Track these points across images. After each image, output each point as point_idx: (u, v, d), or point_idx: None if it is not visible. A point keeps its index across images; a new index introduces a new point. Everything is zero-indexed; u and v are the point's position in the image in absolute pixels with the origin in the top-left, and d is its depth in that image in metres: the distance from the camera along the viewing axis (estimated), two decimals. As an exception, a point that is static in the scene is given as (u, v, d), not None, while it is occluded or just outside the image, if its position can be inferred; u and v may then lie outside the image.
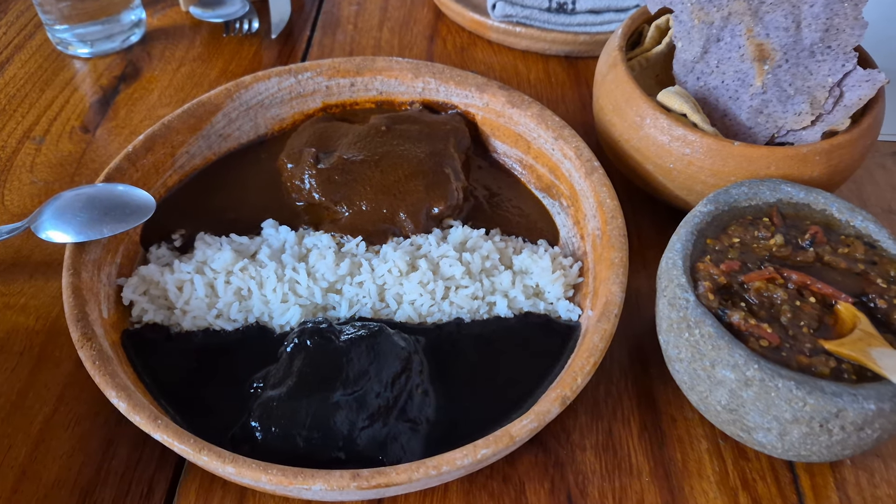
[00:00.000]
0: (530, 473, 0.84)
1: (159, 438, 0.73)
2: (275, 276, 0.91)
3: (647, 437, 0.88)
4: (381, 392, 0.81)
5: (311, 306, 0.91)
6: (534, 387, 0.85)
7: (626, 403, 0.91)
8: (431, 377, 0.86)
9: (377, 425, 0.80)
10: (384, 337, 0.85)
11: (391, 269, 0.93)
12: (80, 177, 1.12)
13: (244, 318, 0.90)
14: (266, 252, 0.94)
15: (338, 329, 0.86)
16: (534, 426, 0.75)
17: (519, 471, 0.84)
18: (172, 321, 0.90)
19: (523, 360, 0.89)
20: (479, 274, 0.94)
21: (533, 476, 0.84)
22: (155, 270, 0.92)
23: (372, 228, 0.97)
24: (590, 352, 0.81)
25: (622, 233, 0.91)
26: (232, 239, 0.97)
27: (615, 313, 0.84)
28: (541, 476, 0.84)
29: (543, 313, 0.93)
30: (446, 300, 0.92)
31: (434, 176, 1.01)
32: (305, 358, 0.82)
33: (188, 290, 0.91)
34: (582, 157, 1.00)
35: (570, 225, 1.02)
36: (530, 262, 0.96)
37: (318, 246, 0.96)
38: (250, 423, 0.79)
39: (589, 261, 0.96)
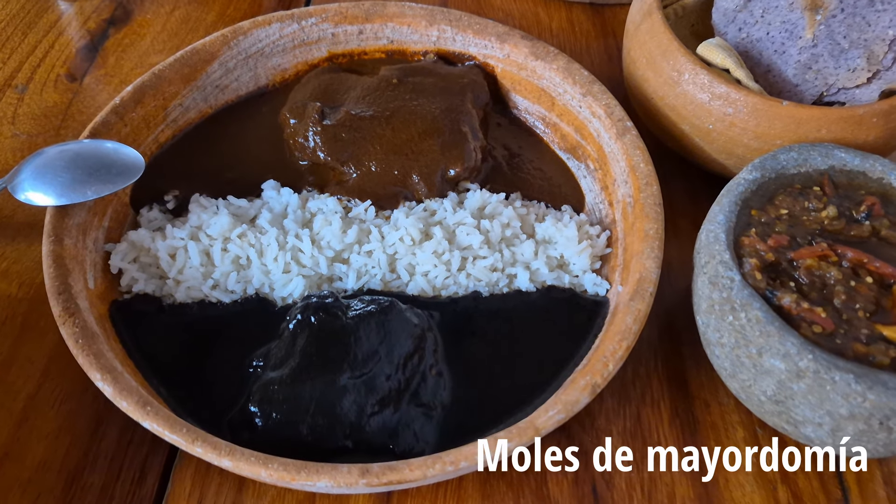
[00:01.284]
0: (552, 462, 0.78)
1: (149, 427, 0.66)
2: (276, 244, 0.84)
3: (679, 424, 0.81)
4: (392, 374, 0.75)
5: (315, 277, 0.84)
6: (558, 369, 0.79)
7: (655, 386, 0.84)
8: (446, 357, 0.80)
9: (387, 411, 0.73)
10: (395, 313, 0.78)
11: (403, 238, 0.85)
12: (66, 130, 1.04)
13: (243, 289, 0.83)
14: (266, 217, 0.86)
15: (345, 304, 0.78)
16: (561, 417, 0.68)
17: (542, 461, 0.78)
18: (165, 292, 0.83)
19: (546, 339, 0.82)
20: (498, 243, 0.87)
21: (555, 465, 0.78)
22: (145, 236, 0.85)
23: (382, 192, 0.89)
24: (622, 335, 0.73)
25: (657, 202, 0.83)
26: (229, 201, 0.89)
27: (650, 292, 0.76)
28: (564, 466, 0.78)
29: (568, 287, 0.86)
30: (463, 272, 0.85)
31: (450, 134, 0.92)
32: (309, 336, 0.75)
33: (182, 257, 0.83)
34: (613, 116, 0.91)
35: (598, 190, 0.94)
36: (554, 230, 0.88)
37: (323, 210, 0.88)
38: (249, 407, 0.72)
39: (618, 230, 0.88)
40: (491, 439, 0.66)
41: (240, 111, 1.00)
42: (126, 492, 0.75)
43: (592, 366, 0.72)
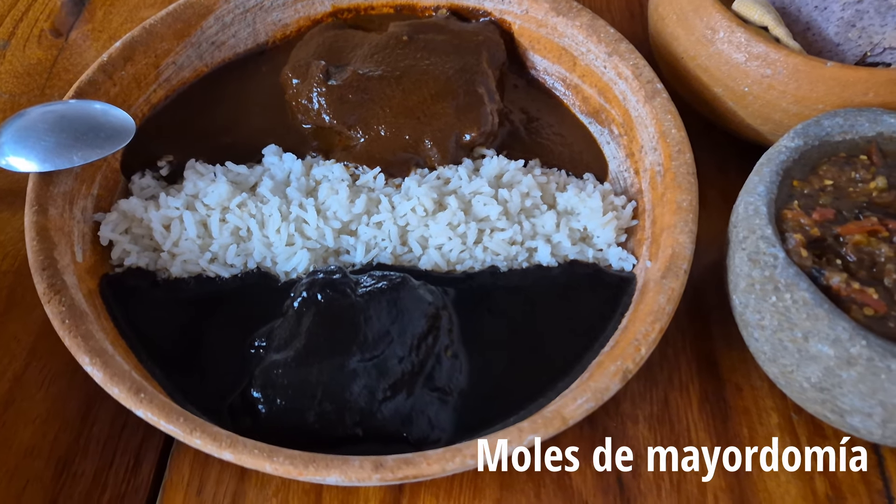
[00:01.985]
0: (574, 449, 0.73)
1: (143, 416, 0.61)
2: (278, 214, 0.78)
3: (709, 409, 0.76)
4: (405, 356, 0.69)
5: (321, 250, 0.78)
6: (582, 350, 0.74)
7: (683, 368, 0.79)
8: (462, 337, 0.74)
9: (400, 396, 0.68)
10: (408, 290, 0.72)
11: (415, 208, 0.79)
12: (51, 89, 0.97)
13: (243, 263, 0.77)
14: (268, 184, 0.80)
15: (353, 280, 0.73)
16: (590, 406, 0.63)
17: (561, 445, 0.73)
18: (159, 266, 0.77)
19: (569, 318, 0.77)
20: (517, 215, 0.81)
21: (577, 453, 0.73)
22: (137, 205, 0.79)
23: (392, 158, 0.83)
24: (654, 315, 0.68)
25: (691, 171, 0.77)
26: (228, 168, 0.83)
27: (684, 269, 0.71)
28: (586, 452, 0.73)
29: (592, 262, 0.80)
30: (479, 245, 0.79)
31: (465, 97, 0.86)
32: (316, 316, 0.69)
33: (177, 229, 0.77)
34: (641, 77, 0.84)
35: (622, 157, 0.87)
36: (577, 201, 0.82)
37: (328, 178, 0.82)
38: (251, 392, 0.67)
39: (645, 201, 0.82)
40: (515, 430, 0.61)
41: (238, 70, 0.93)
42: (120, 480, 0.71)
43: (622, 349, 0.67)
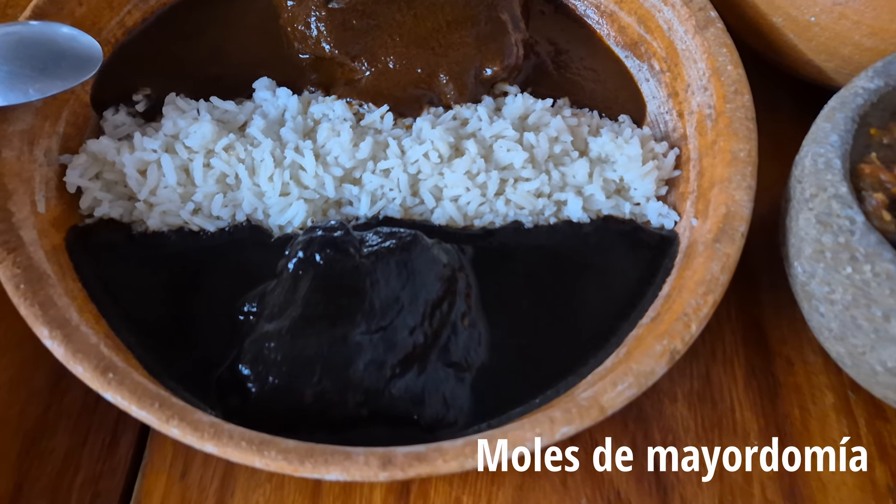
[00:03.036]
0: (605, 432, 0.65)
1: (111, 399, 0.52)
2: (271, 159, 0.68)
3: (756, 386, 0.69)
4: (417, 326, 0.61)
5: (319, 201, 0.68)
6: (618, 320, 0.65)
7: (728, 340, 0.71)
8: (481, 303, 0.65)
9: (411, 373, 0.60)
10: (420, 250, 0.63)
11: (428, 153, 0.69)
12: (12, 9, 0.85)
13: (231, 214, 0.68)
14: (259, 124, 0.70)
15: (357, 238, 0.63)
16: (632, 394, 0.55)
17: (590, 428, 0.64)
18: (135, 217, 0.68)
19: (603, 282, 0.68)
20: (545, 162, 0.71)
21: (608, 435, 0.65)
22: (109, 146, 0.68)
23: (401, 94, 0.73)
24: (707, 286, 0.59)
25: (749, 115, 0.66)
26: (213, 104, 0.72)
27: (741, 231, 0.61)
28: (618, 435, 0.65)
29: (628, 218, 0.71)
30: (501, 197, 0.70)
31: (486, 24, 0.75)
32: (314, 280, 0.60)
33: (154, 175, 0.67)
34: (691, 3, 0.73)
35: (663, 97, 0.77)
36: (613, 147, 0.72)
37: (329, 117, 0.72)
38: (240, 367, 0.58)
39: (690, 148, 0.72)
40: (546, 421, 0.53)
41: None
42: (95, 459, 0.63)
43: (669, 325, 0.58)
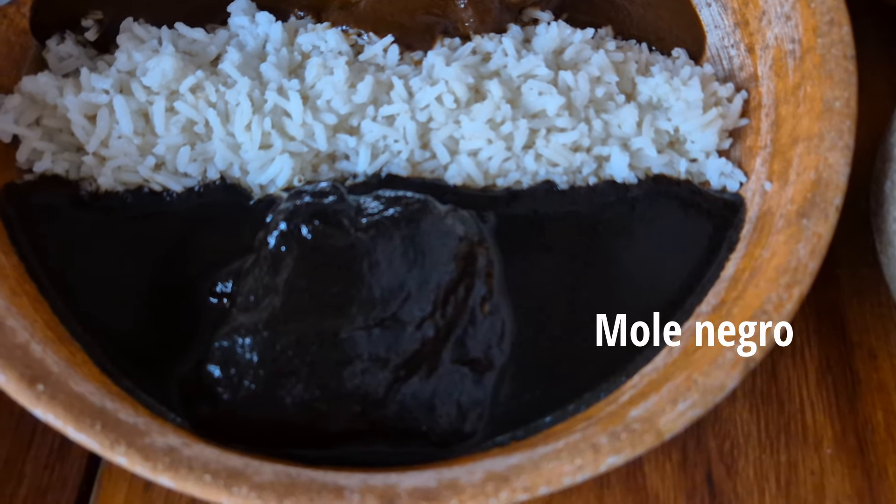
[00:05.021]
0: (651, 437, 0.54)
1: (41, 417, 0.42)
2: (248, 103, 0.56)
3: (831, 383, 0.59)
4: (426, 317, 0.50)
5: (308, 155, 0.57)
6: (671, 306, 0.55)
7: (798, 326, 0.61)
8: (505, 284, 0.54)
9: (420, 374, 0.50)
10: (431, 220, 0.52)
11: (442, 96, 0.57)
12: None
13: (201, 171, 0.57)
14: (234, 58, 0.57)
15: (353, 204, 0.52)
16: (695, 414, 0.44)
17: (634, 432, 0.54)
18: (83, 173, 0.57)
19: (652, 258, 0.58)
20: (584, 109, 0.58)
21: (656, 442, 0.54)
22: (49, 85, 0.56)
23: (409, 22, 0.61)
24: (791, 276, 0.47)
25: (848, 53, 0.53)
26: (178, 32, 0.60)
27: (836, 204, 0.49)
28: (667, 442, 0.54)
29: (684, 178, 0.59)
30: (530, 151, 0.58)
31: (514, -67, 0.60)
32: (299, 260, 0.49)
33: (105, 121, 0.56)
34: None
35: (729, 26, 0.64)
36: (667, 90, 0.59)
37: (320, 49, 0.59)
38: (208, 369, 0.47)
39: (763, 92, 0.59)
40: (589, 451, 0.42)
41: None
42: (41, 466, 0.54)
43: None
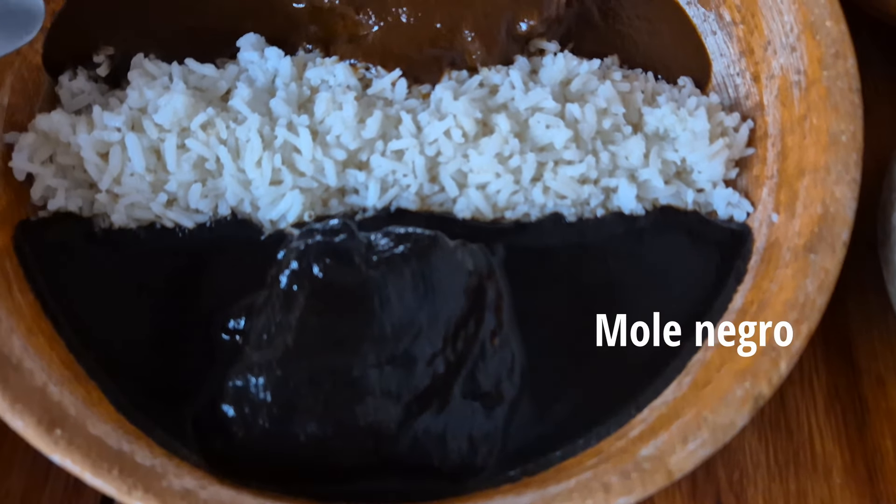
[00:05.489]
0: (661, 467, 0.55)
1: (58, 462, 0.42)
2: (259, 140, 0.56)
3: (840, 411, 0.59)
4: (438, 352, 0.50)
5: (318, 190, 0.57)
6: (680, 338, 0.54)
7: (806, 353, 0.58)
8: (514, 315, 0.54)
9: (431, 410, 0.50)
10: (441, 255, 0.52)
11: (450, 131, 0.57)
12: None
13: (212, 207, 0.57)
14: (244, 94, 0.57)
15: (364, 241, 0.52)
16: (706, 453, 0.44)
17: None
18: (97, 210, 0.57)
19: (660, 289, 0.58)
20: (591, 141, 0.58)
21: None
22: (63, 123, 0.56)
23: (417, 55, 0.60)
24: (799, 311, 0.47)
25: (854, 86, 0.53)
26: (189, 68, 0.60)
27: (843, 239, 0.49)
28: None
29: (691, 209, 0.59)
30: (538, 184, 0.58)
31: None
32: (311, 298, 0.49)
33: (118, 158, 0.56)
34: (779, -63, 0.59)
35: (734, 55, 0.64)
36: (674, 120, 0.59)
37: (328, 83, 0.59)
38: (222, 407, 0.48)
39: (769, 121, 0.60)
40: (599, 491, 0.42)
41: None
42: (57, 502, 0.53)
43: (752, 361, 0.46)
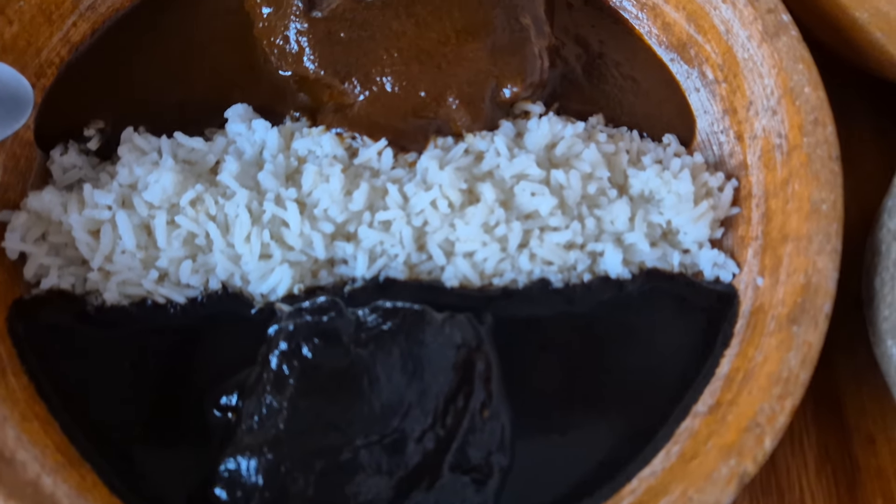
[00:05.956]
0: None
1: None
2: (247, 215, 0.56)
3: (831, 471, 0.59)
4: (427, 429, 0.51)
5: (307, 263, 0.57)
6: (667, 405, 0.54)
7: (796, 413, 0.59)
8: (503, 385, 0.55)
9: (421, 487, 0.50)
10: (429, 330, 0.53)
11: (436, 201, 0.57)
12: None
13: (202, 281, 0.57)
14: (233, 169, 0.58)
15: (352, 318, 0.52)
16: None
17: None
18: (89, 287, 0.57)
19: (648, 355, 0.58)
20: (577, 206, 0.59)
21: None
22: (54, 203, 0.57)
23: (402, 124, 0.60)
24: (783, 386, 0.48)
25: (834, 154, 0.54)
26: (178, 141, 0.60)
27: (825, 312, 0.49)
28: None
29: (677, 271, 0.59)
30: (525, 250, 0.58)
31: (504, 31, 0.62)
32: (301, 380, 0.50)
33: (109, 237, 0.56)
34: (758, 3, 0.59)
35: (717, 112, 0.64)
36: (659, 183, 0.60)
37: (315, 154, 0.60)
38: (215, 492, 0.48)
39: (753, 181, 0.60)
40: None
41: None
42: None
43: (737, 437, 0.47)
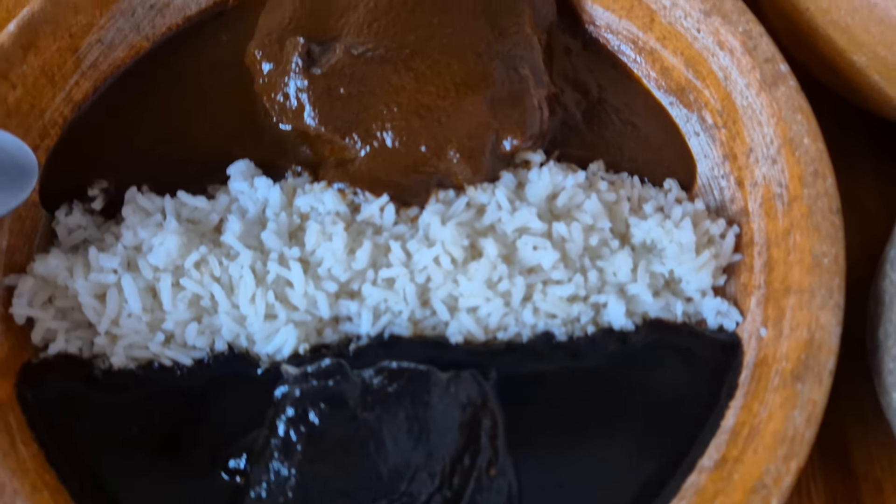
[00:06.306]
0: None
1: None
2: (251, 276, 0.57)
3: None
4: (434, 492, 0.51)
5: (312, 322, 0.58)
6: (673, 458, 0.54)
7: None
8: (508, 442, 0.55)
9: (430, 550, 0.50)
10: (435, 391, 0.53)
11: (439, 258, 0.57)
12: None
13: (208, 343, 0.58)
14: (236, 229, 0.58)
15: (357, 381, 0.53)
16: None
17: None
18: (96, 351, 0.57)
19: (653, 407, 0.58)
20: (579, 258, 0.59)
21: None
22: (60, 268, 0.58)
23: (403, 179, 0.61)
24: (788, 447, 0.48)
25: (834, 206, 0.54)
26: (181, 201, 0.61)
27: (829, 368, 0.50)
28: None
29: (681, 321, 0.59)
30: (528, 304, 0.58)
31: (503, 83, 0.62)
32: (308, 446, 0.51)
33: (115, 301, 0.57)
34: (755, 52, 0.59)
35: (717, 157, 0.64)
36: (660, 233, 0.60)
37: (317, 210, 0.60)
38: (225, 563, 0.49)
39: (754, 228, 0.60)
40: None
41: (190, 42, 0.69)
42: None
43: (743, 498, 0.47)
